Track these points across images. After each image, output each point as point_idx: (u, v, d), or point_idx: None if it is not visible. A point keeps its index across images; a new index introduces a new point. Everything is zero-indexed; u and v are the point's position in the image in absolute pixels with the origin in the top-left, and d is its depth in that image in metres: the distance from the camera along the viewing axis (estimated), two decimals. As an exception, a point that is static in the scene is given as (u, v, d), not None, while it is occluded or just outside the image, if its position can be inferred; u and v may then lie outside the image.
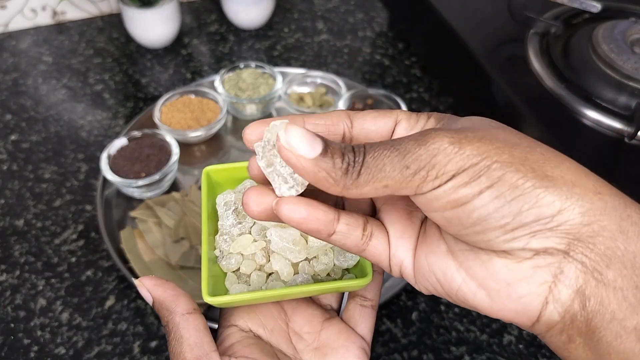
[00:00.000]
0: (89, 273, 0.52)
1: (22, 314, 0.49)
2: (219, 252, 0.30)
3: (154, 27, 0.74)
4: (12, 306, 0.49)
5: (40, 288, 0.51)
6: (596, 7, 0.56)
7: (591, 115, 0.48)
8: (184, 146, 0.62)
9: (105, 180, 0.57)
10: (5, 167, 0.61)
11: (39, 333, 0.47)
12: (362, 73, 0.75)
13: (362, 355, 0.29)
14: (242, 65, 0.68)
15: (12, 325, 0.48)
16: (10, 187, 0.59)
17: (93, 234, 0.55)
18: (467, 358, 0.47)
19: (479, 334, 0.48)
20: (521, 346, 0.47)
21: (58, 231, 0.55)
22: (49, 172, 0.61)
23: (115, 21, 0.82)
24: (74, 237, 0.55)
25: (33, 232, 0.55)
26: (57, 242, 0.54)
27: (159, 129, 0.60)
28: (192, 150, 0.63)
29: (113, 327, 0.48)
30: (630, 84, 0.49)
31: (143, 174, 0.55)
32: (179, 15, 0.76)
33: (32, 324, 0.48)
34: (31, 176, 0.60)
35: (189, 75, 0.74)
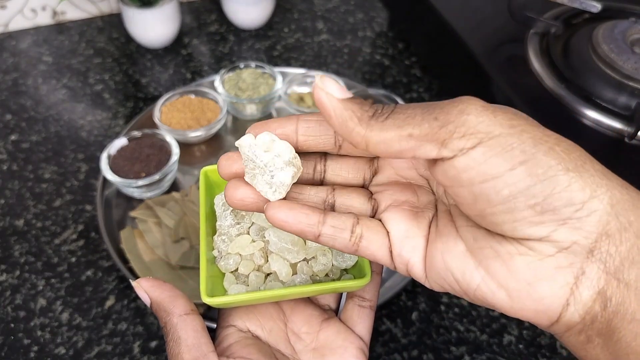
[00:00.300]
0: (89, 273, 0.52)
1: (22, 314, 0.49)
2: (217, 253, 0.30)
3: (154, 27, 0.74)
4: (12, 306, 0.49)
5: (40, 288, 0.51)
6: (596, 7, 0.56)
7: (591, 115, 0.48)
8: (184, 146, 0.62)
9: (105, 180, 0.57)
10: (5, 167, 0.61)
11: (39, 333, 0.47)
12: (362, 73, 0.75)
13: (360, 355, 0.29)
14: (242, 65, 0.68)
15: (12, 325, 0.48)
16: (10, 187, 0.59)
17: (93, 234, 0.55)
18: (467, 358, 0.47)
19: (479, 334, 0.48)
20: (521, 346, 0.47)
21: (58, 231, 0.55)
22: (49, 172, 0.61)
23: (115, 21, 0.82)
24: (74, 237, 0.55)
25: (33, 232, 0.55)
26: (57, 242, 0.54)
27: (159, 129, 0.60)
28: (192, 150, 0.63)
29: (113, 327, 0.48)
30: (630, 84, 0.49)
31: (143, 174, 0.55)
32: (179, 15, 0.76)
33: (32, 324, 0.48)
34: (31, 176, 0.60)
35: (189, 75, 0.74)
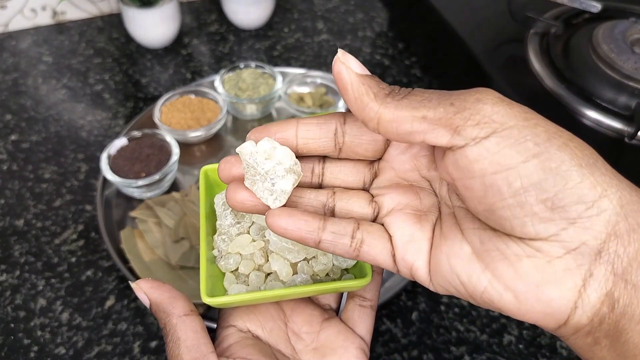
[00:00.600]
0: (89, 273, 0.52)
1: (22, 314, 0.49)
2: (217, 252, 0.30)
3: (154, 27, 0.74)
4: (12, 306, 0.49)
5: (40, 288, 0.51)
6: (596, 7, 0.56)
7: (591, 115, 0.48)
8: (184, 146, 0.62)
9: (105, 180, 0.57)
10: (5, 167, 0.61)
11: (39, 333, 0.47)
12: (362, 73, 0.75)
13: (361, 355, 0.29)
14: (242, 65, 0.68)
15: (12, 325, 0.48)
16: (10, 187, 0.59)
17: (93, 234, 0.55)
18: (467, 358, 0.47)
19: (479, 334, 0.48)
20: (521, 346, 0.47)
21: (58, 231, 0.55)
22: (49, 172, 0.61)
23: (115, 21, 0.82)
24: (74, 237, 0.55)
25: (33, 232, 0.55)
26: (57, 242, 0.54)
27: (159, 129, 0.60)
28: (192, 150, 0.63)
29: (113, 327, 0.48)
30: (630, 84, 0.49)
31: (143, 174, 0.55)
32: (179, 15, 0.76)
33: (32, 324, 0.48)
34: (31, 176, 0.60)
35: (189, 75, 0.74)
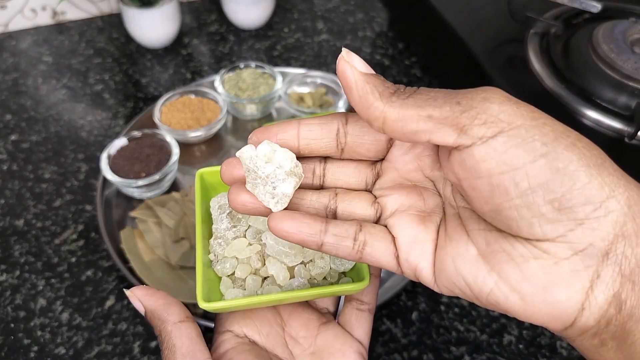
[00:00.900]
0: (89, 273, 0.52)
1: (22, 314, 0.49)
2: (213, 256, 0.29)
3: (154, 27, 0.74)
4: (12, 306, 0.49)
5: (40, 288, 0.51)
6: (596, 7, 0.56)
7: (591, 115, 0.48)
8: (184, 146, 0.62)
9: (105, 180, 0.57)
10: (5, 167, 0.61)
11: (39, 333, 0.47)
12: (362, 73, 0.75)
13: (359, 359, 0.29)
14: (242, 65, 0.68)
15: (12, 325, 0.48)
16: (10, 187, 0.59)
17: (93, 234, 0.55)
18: (467, 358, 0.47)
19: (479, 334, 0.48)
20: (521, 346, 0.47)
21: (58, 231, 0.55)
22: (49, 172, 0.61)
23: (115, 21, 0.82)
24: (74, 237, 0.55)
25: (33, 232, 0.55)
26: (57, 242, 0.54)
27: (159, 129, 0.60)
28: (192, 150, 0.63)
29: (113, 327, 0.48)
30: (630, 84, 0.49)
31: (143, 174, 0.55)
32: (179, 15, 0.76)
33: (32, 324, 0.48)
34: (31, 176, 0.60)
35: (189, 75, 0.74)
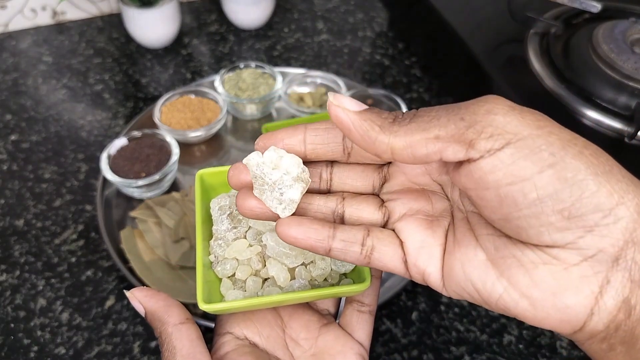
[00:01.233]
0: (89, 273, 0.52)
1: (22, 314, 0.49)
2: (213, 258, 0.29)
3: (154, 27, 0.74)
4: (12, 306, 0.49)
5: (40, 288, 0.51)
6: (596, 7, 0.56)
7: (591, 115, 0.48)
8: (184, 146, 0.62)
9: (105, 180, 0.57)
10: (5, 167, 0.61)
11: (39, 333, 0.47)
12: (362, 73, 0.75)
13: None
14: (242, 65, 0.68)
15: (12, 325, 0.48)
16: (10, 187, 0.59)
17: (93, 234, 0.55)
18: (467, 358, 0.47)
19: (479, 334, 0.48)
20: (521, 346, 0.47)
21: (58, 231, 0.55)
22: (49, 172, 0.61)
23: (115, 21, 0.82)
24: (74, 237, 0.55)
25: (33, 232, 0.55)
26: (57, 242, 0.54)
27: (159, 129, 0.60)
28: (192, 150, 0.63)
29: (113, 327, 0.48)
30: (630, 84, 0.49)
31: (143, 174, 0.55)
32: (179, 15, 0.76)
33: (32, 324, 0.48)
34: (31, 176, 0.60)
35: (189, 75, 0.74)
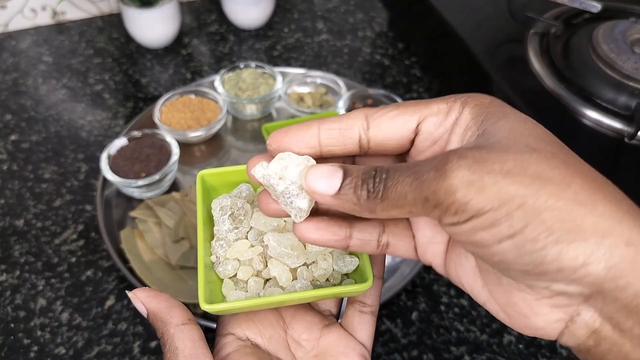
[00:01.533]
0: (89, 273, 0.52)
1: (22, 314, 0.49)
2: (215, 258, 0.29)
3: (154, 27, 0.74)
4: (12, 306, 0.49)
5: (40, 288, 0.51)
6: (596, 7, 0.56)
7: (591, 115, 0.48)
8: (184, 146, 0.62)
9: (105, 180, 0.57)
10: (5, 167, 0.61)
11: (39, 333, 0.47)
12: (362, 73, 0.75)
13: None
14: (242, 65, 0.68)
15: (12, 325, 0.48)
16: (10, 187, 0.59)
17: (93, 234, 0.55)
18: (467, 358, 0.47)
19: (479, 334, 0.48)
20: (521, 346, 0.47)
21: (58, 231, 0.55)
22: (49, 172, 0.61)
23: (115, 21, 0.82)
24: (74, 237, 0.55)
25: (33, 232, 0.55)
26: (57, 242, 0.54)
27: (159, 129, 0.60)
28: (192, 150, 0.63)
29: (113, 327, 0.48)
30: (630, 84, 0.49)
31: (143, 174, 0.55)
32: (179, 15, 0.76)
33: (32, 324, 0.48)
34: (31, 176, 0.60)
35: (189, 75, 0.74)
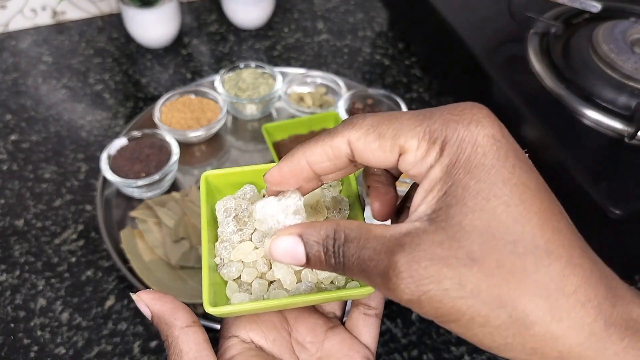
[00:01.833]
0: (89, 273, 0.52)
1: (22, 313, 0.49)
2: (219, 260, 0.29)
3: (154, 27, 0.74)
4: (12, 306, 0.49)
5: (40, 288, 0.51)
6: (596, 7, 0.56)
7: (591, 115, 0.48)
8: (184, 146, 0.62)
9: (105, 180, 0.57)
10: (5, 167, 0.61)
11: (39, 333, 0.47)
12: (362, 73, 0.75)
13: None
14: (242, 65, 0.68)
15: (12, 325, 0.48)
16: (10, 187, 0.59)
17: (93, 234, 0.55)
18: (467, 358, 0.47)
19: (479, 334, 0.48)
20: (521, 346, 0.47)
21: (58, 231, 0.55)
22: (49, 172, 0.61)
23: (115, 21, 0.82)
24: (74, 237, 0.55)
25: (33, 232, 0.55)
26: (57, 242, 0.54)
27: (159, 129, 0.60)
28: (192, 150, 0.63)
29: (113, 327, 0.48)
30: (630, 84, 0.49)
31: (143, 174, 0.55)
32: (179, 15, 0.76)
33: (32, 324, 0.48)
34: (31, 176, 0.60)
35: (189, 75, 0.74)
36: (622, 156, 0.46)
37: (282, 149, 0.60)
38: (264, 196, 0.30)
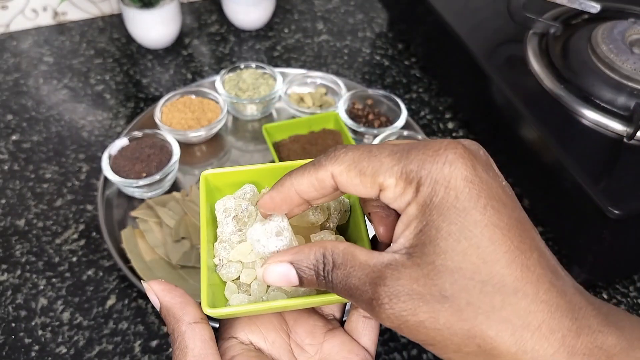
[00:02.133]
0: (89, 273, 0.52)
1: (23, 313, 0.49)
2: (218, 260, 0.29)
3: (154, 28, 0.74)
4: (13, 306, 0.49)
5: (41, 287, 0.51)
6: (595, 8, 0.56)
7: (590, 116, 0.49)
8: (185, 146, 0.62)
9: (106, 180, 0.58)
10: (6, 167, 0.61)
11: (40, 332, 0.48)
12: (362, 73, 0.76)
13: None
14: (242, 66, 0.69)
15: (13, 325, 0.48)
16: (11, 187, 0.59)
17: (94, 233, 0.55)
18: (466, 357, 0.47)
19: (478, 333, 0.48)
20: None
21: (59, 231, 0.55)
22: (50, 172, 0.61)
23: (116, 22, 0.82)
24: (75, 236, 0.55)
25: (34, 232, 0.55)
26: (58, 241, 0.54)
27: (159, 129, 0.60)
28: (193, 150, 0.63)
29: (114, 326, 0.48)
30: (630, 84, 0.49)
31: (144, 174, 0.56)
32: (179, 16, 0.76)
33: (33, 324, 0.48)
34: (32, 176, 0.60)
35: (189, 76, 0.74)
36: (621, 156, 0.47)
37: (282, 149, 0.60)
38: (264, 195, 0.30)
